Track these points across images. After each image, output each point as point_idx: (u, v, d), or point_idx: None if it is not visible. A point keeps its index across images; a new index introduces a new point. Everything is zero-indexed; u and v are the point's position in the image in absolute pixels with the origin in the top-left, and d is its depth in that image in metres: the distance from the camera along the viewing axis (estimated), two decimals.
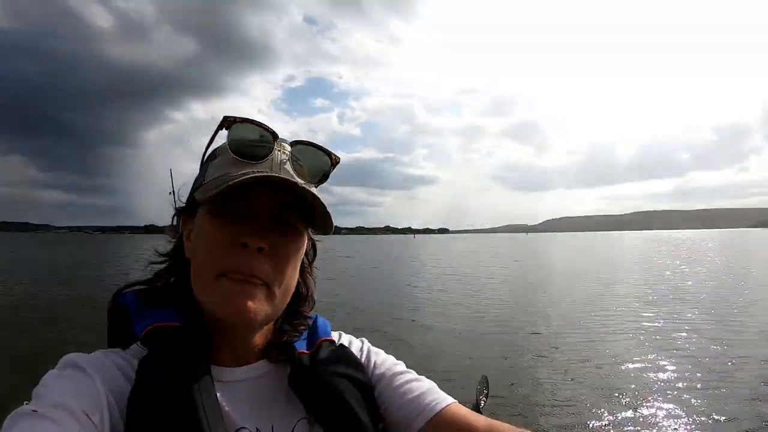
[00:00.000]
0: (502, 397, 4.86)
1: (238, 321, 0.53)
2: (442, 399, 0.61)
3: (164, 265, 0.63)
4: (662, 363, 6.00)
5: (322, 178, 0.60)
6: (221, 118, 0.57)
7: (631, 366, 5.92)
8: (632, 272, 18.89)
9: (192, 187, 0.62)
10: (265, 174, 0.52)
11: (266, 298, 0.54)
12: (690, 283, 14.59)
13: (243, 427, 0.54)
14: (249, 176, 0.51)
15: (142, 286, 0.62)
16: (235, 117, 0.56)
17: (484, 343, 7.19)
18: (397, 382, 0.63)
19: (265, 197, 0.54)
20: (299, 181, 0.56)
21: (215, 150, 0.60)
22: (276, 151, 0.56)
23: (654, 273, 18.20)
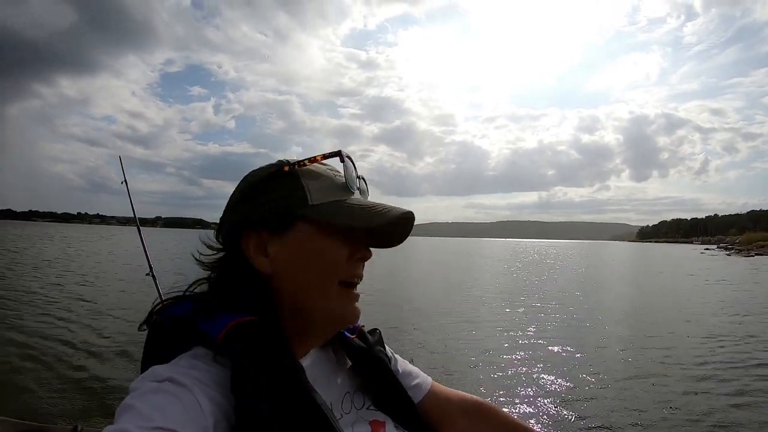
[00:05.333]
0: None
1: (349, 323, 0.61)
2: (426, 376, 0.77)
3: (213, 276, 0.60)
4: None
5: None
6: (336, 150, 0.60)
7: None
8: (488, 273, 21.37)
9: (288, 202, 0.57)
10: (407, 214, 0.59)
11: None
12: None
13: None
14: (396, 215, 0.58)
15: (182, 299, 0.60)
16: (347, 155, 0.60)
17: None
18: (402, 364, 0.75)
19: None
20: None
21: (303, 170, 0.58)
22: (361, 181, 0.63)
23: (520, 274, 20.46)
